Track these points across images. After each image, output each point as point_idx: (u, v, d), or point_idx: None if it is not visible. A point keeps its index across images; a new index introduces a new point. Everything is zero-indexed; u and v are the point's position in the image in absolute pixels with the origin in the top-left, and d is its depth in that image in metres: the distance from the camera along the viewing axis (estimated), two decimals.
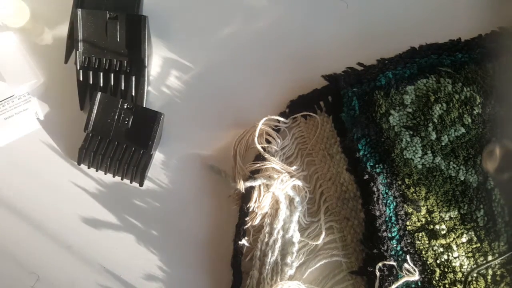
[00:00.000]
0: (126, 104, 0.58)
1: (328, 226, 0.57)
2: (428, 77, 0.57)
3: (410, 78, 0.57)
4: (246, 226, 0.57)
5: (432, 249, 0.54)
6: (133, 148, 0.59)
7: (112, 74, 0.60)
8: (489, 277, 0.53)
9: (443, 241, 0.54)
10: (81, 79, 0.60)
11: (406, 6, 0.63)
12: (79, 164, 0.59)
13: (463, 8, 0.62)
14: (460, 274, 0.53)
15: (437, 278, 0.53)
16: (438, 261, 0.54)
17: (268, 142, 0.59)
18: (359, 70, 0.60)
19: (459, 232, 0.54)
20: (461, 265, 0.54)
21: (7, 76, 0.61)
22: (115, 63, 0.60)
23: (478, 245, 0.54)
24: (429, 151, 0.55)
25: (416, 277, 0.52)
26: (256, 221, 0.56)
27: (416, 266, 0.53)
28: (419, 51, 0.59)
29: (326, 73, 0.60)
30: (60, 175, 0.60)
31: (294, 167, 0.58)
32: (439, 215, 0.54)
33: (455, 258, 0.54)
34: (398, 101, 0.57)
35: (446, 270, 0.54)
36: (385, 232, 0.54)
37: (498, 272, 0.53)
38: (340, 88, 0.58)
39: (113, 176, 0.59)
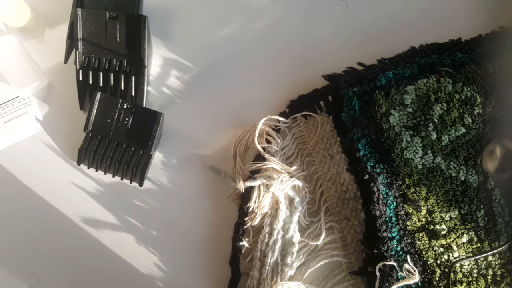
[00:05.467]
0: (126, 104, 0.58)
1: (328, 226, 0.57)
2: (428, 77, 0.57)
3: (410, 78, 0.57)
4: (246, 226, 0.57)
5: (433, 249, 0.54)
6: (133, 148, 0.59)
7: (112, 74, 0.60)
8: (489, 277, 0.53)
9: (443, 241, 0.54)
10: (80, 79, 0.61)
11: (406, 6, 0.63)
12: (78, 164, 0.59)
13: (464, 8, 0.62)
14: (460, 275, 0.53)
15: (437, 278, 0.53)
16: (438, 261, 0.54)
17: (268, 142, 0.59)
18: (360, 70, 0.60)
19: (460, 232, 0.54)
20: (461, 265, 0.54)
21: (11, 79, 0.61)
22: (115, 63, 0.60)
23: (479, 245, 0.54)
24: (430, 151, 0.55)
25: (416, 278, 0.52)
26: (256, 221, 0.56)
27: (416, 267, 0.53)
28: (419, 51, 0.59)
29: (326, 73, 0.60)
30: (59, 175, 0.60)
31: (294, 167, 0.58)
32: (440, 215, 0.54)
33: (455, 258, 0.54)
34: (399, 101, 0.57)
35: (447, 270, 0.53)
36: (385, 232, 0.54)
37: (498, 272, 0.53)
38: (340, 88, 0.58)
39: (113, 176, 0.59)
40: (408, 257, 0.54)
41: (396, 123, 0.56)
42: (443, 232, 0.54)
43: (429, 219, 0.54)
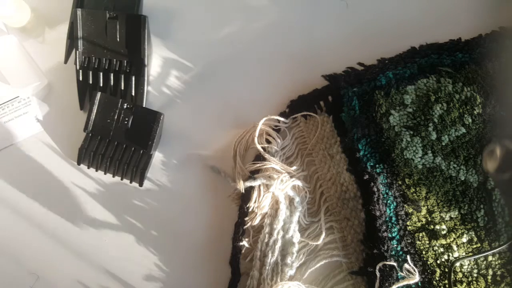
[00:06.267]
0: (126, 104, 0.58)
1: (328, 226, 0.57)
2: (428, 77, 0.57)
3: (410, 78, 0.57)
4: (246, 226, 0.57)
5: (433, 249, 0.54)
6: (133, 148, 0.59)
7: (112, 74, 0.60)
8: (489, 277, 0.53)
9: (443, 241, 0.54)
10: (80, 79, 0.61)
11: (406, 6, 0.63)
12: (78, 164, 0.59)
13: (463, 8, 0.62)
14: (460, 275, 0.53)
15: (437, 278, 0.53)
16: (438, 261, 0.54)
17: (268, 142, 0.59)
18: (360, 70, 0.60)
19: (460, 232, 0.54)
20: (461, 265, 0.54)
21: (11, 79, 0.61)
22: (115, 63, 0.60)
23: (479, 245, 0.54)
24: (430, 151, 0.55)
25: (416, 278, 0.52)
26: (256, 221, 0.56)
27: (416, 266, 0.53)
28: (419, 51, 0.59)
29: (326, 73, 0.60)
30: (59, 175, 0.60)
31: (294, 167, 0.58)
32: (440, 215, 0.54)
33: (455, 258, 0.54)
34: (399, 101, 0.57)
35: (447, 270, 0.53)
36: (385, 232, 0.54)
37: (498, 272, 0.53)
38: (340, 88, 0.58)
39: (113, 176, 0.59)
40: (408, 257, 0.54)
41: (396, 123, 0.56)
42: (443, 232, 0.54)
43: (429, 219, 0.54)
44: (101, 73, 0.60)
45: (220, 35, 0.64)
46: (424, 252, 0.54)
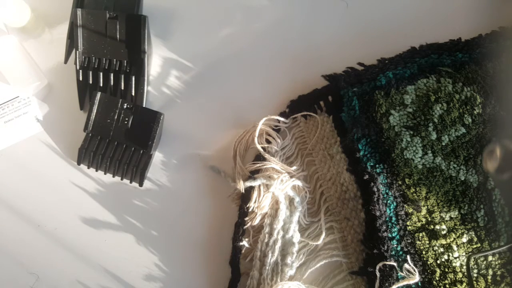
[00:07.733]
0: (126, 104, 0.58)
1: (328, 226, 0.57)
2: (428, 77, 0.57)
3: (410, 78, 0.57)
4: (246, 226, 0.57)
5: (433, 249, 0.54)
6: (133, 148, 0.59)
7: (112, 74, 0.60)
8: (489, 277, 0.53)
9: (443, 241, 0.54)
10: (80, 79, 0.61)
11: (406, 6, 0.63)
12: (78, 164, 0.59)
13: (464, 8, 0.62)
14: (460, 274, 0.53)
15: (437, 278, 0.53)
16: (438, 261, 0.54)
17: (268, 142, 0.59)
18: (360, 70, 0.60)
19: (460, 232, 0.54)
20: (461, 265, 0.54)
21: (11, 79, 0.61)
22: (114, 63, 0.60)
23: (479, 245, 0.54)
24: (430, 151, 0.55)
25: (416, 278, 0.52)
26: (256, 221, 0.56)
27: (416, 266, 0.53)
28: (419, 51, 0.59)
29: (326, 73, 0.60)
30: (59, 175, 0.60)
31: (294, 167, 0.58)
32: (440, 215, 0.54)
33: (455, 258, 0.54)
34: (399, 101, 0.57)
35: (447, 270, 0.53)
36: (385, 232, 0.54)
37: (498, 272, 0.53)
38: (340, 88, 0.58)
39: (113, 176, 0.59)
40: (408, 257, 0.54)
41: (396, 123, 0.56)
42: (443, 232, 0.54)
43: (429, 219, 0.54)
44: (101, 73, 0.60)
45: (220, 35, 0.64)
46: (424, 252, 0.54)
